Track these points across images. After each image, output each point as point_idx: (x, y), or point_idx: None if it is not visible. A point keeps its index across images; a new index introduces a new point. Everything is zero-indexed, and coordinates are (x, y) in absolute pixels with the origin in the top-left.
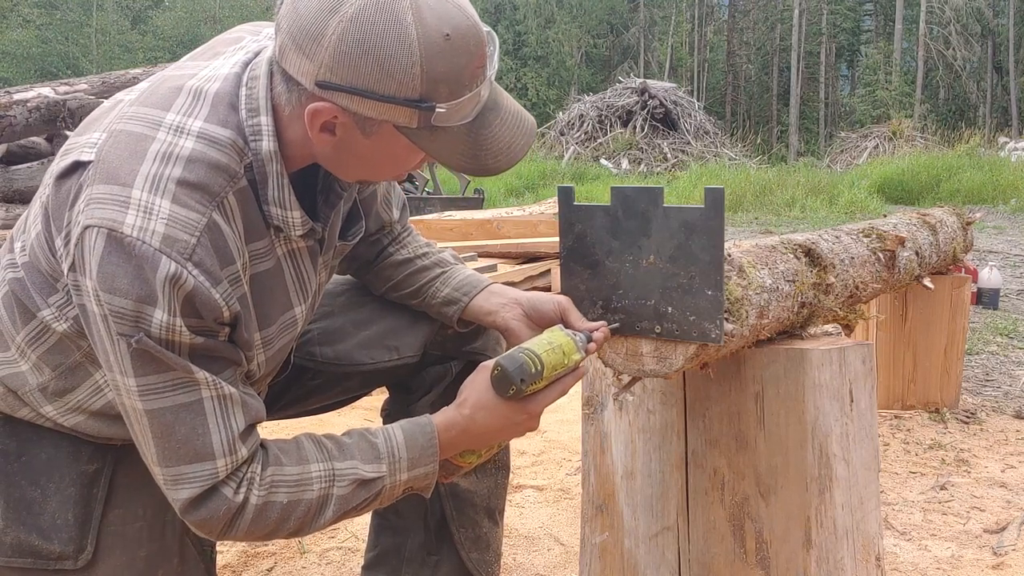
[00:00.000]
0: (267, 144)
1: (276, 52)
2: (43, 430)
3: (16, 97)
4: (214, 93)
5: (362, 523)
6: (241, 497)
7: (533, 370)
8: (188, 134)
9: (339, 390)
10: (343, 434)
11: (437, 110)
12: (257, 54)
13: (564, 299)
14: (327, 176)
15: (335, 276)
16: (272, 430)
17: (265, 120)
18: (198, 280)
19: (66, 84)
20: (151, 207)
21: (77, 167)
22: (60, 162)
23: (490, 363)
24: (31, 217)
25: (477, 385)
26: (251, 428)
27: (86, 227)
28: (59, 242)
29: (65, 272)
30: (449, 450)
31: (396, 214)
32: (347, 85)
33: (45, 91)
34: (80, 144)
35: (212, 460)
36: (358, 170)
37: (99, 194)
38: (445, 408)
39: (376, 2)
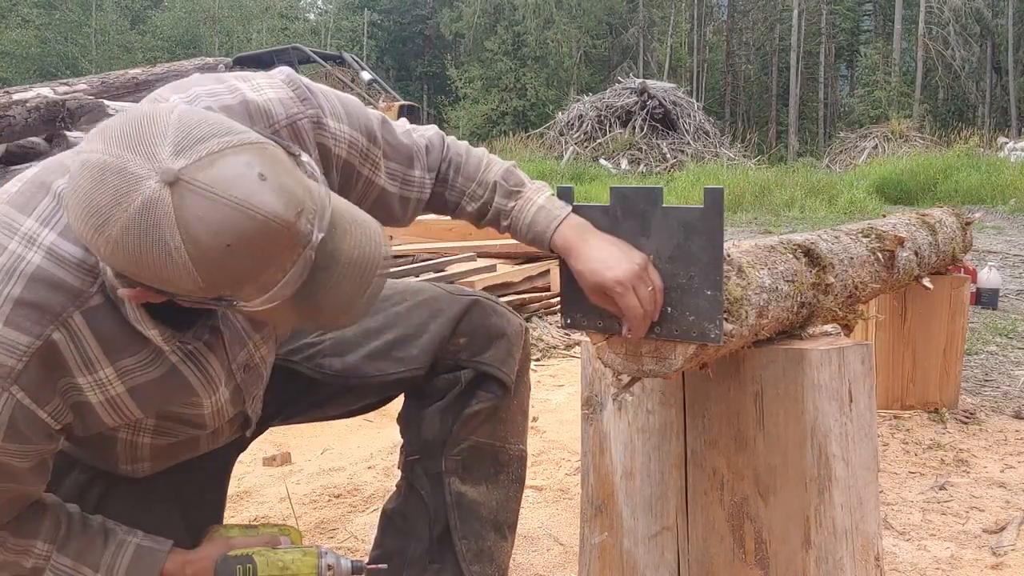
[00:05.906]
0: (111, 271)
1: None
2: None
3: (15, 97)
4: None
5: (362, 523)
6: None
7: None
8: (38, 247)
9: (352, 398)
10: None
11: (240, 307)
12: None
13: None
14: None
15: None
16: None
17: None
18: (22, 403)
19: (65, 84)
20: None
21: None
22: None
23: (219, 543)
24: None
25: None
26: None
27: None
28: None
29: None
30: None
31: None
32: (142, 283)
33: (44, 91)
34: None
35: None
36: None
37: None
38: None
39: (137, 225)
